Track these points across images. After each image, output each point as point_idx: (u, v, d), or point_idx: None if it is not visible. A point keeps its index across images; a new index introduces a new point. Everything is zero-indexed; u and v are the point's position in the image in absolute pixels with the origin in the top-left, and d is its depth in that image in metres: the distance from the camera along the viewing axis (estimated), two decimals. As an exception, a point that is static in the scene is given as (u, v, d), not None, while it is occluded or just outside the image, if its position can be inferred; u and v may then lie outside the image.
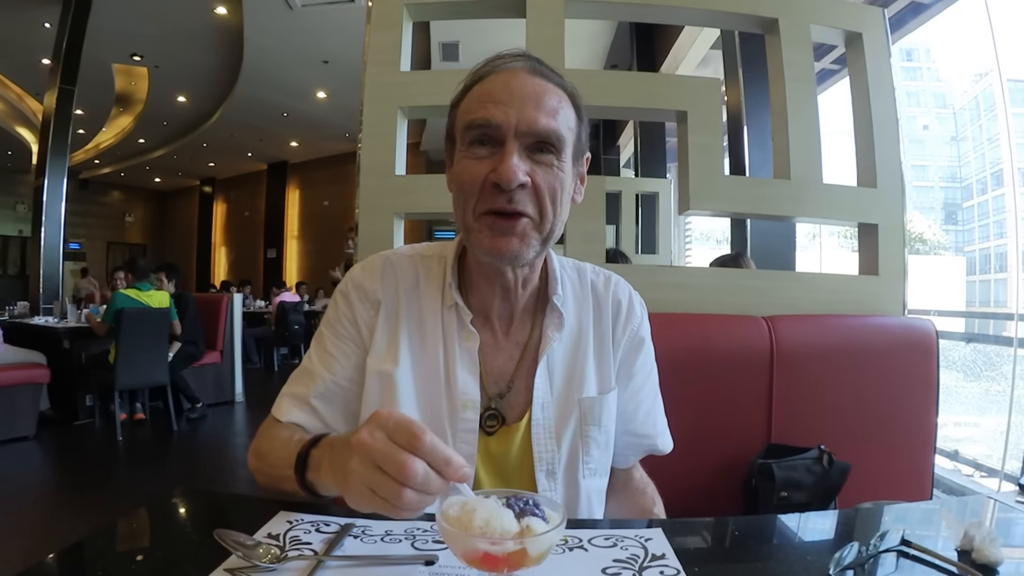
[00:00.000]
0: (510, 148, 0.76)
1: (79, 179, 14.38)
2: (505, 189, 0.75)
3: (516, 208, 0.77)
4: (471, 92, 0.82)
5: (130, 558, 0.67)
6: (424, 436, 0.54)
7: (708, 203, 1.60)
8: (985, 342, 3.55)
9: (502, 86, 0.78)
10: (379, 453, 0.54)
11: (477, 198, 0.78)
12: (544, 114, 0.77)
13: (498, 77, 0.80)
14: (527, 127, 0.76)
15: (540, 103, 0.77)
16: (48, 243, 6.21)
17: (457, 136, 0.82)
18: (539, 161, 0.78)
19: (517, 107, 0.76)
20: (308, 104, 10.24)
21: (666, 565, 0.62)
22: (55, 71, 6.46)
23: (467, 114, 0.80)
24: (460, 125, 0.81)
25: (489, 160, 0.77)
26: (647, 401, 0.97)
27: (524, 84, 0.78)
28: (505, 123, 0.76)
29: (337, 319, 0.90)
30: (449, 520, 0.54)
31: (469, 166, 0.78)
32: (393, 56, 1.63)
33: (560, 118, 0.79)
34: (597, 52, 6.79)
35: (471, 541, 0.52)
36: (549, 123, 0.77)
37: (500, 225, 0.78)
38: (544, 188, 0.78)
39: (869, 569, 0.64)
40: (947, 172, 7.68)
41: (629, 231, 4.58)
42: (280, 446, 0.79)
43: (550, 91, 0.79)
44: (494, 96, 0.78)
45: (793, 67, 1.66)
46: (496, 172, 0.75)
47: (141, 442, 4.52)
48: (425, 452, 0.54)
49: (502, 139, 0.77)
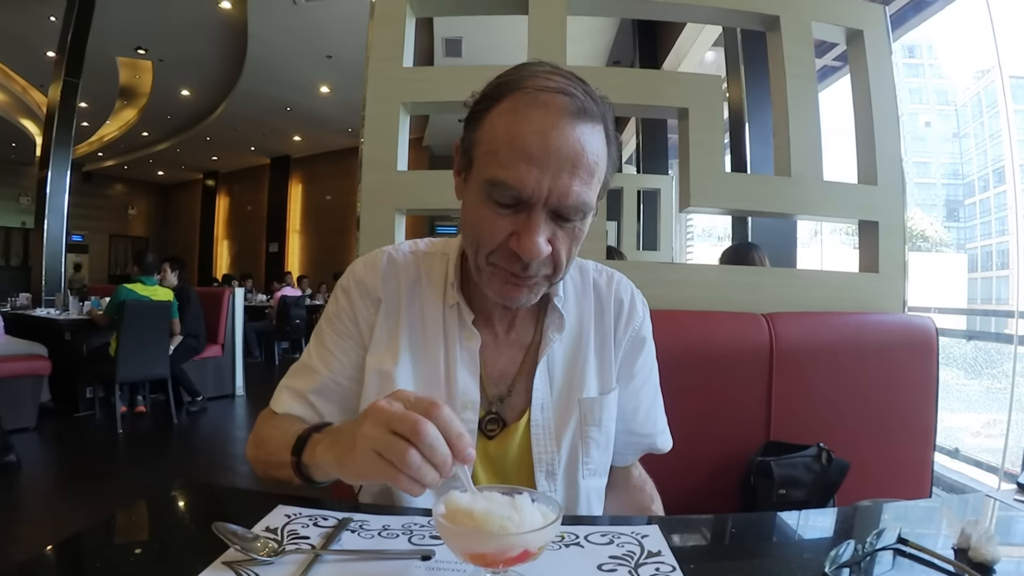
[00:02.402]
0: (536, 221, 0.70)
1: (82, 172, 14.43)
2: (525, 260, 0.72)
3: (531, 274, 0.75)
4: (499, 116, 0.72)
5: (129, 549, 0.68)
6: (442, 406, 0.55)
7: (709, 200, 1.60)
8: (986, 339, 3.54)
9: (538, 137, 0.69)
10: (395, 415, 0.55)
11: (491, 249, 0.74)
12: (579, 181, 0.70)
13: (534, 117, 0.70)
14: (558, 200, 0.70)
15: (577, 166, 0.70)
16: (51, 235, 6.24)
17: (476, 175, 0.74)
18: (563, 226, 0.73)
19: (552, 172, 0.69)
20: (311, 99, 10.24)
21: (662, 562, 0.62)
22: (60, 64, 6.47)
23: (493, 161, 0.71)
24: (483, 168, 0.73)
25: (511, 220, 0.72)
26: (647, 400, 0.97)
27: (563, 141, 0.69)
28: (536, 192, 0.69)
29: (337, 315, 0.89)
30: (446, 516, 0.54)
31: (488, 217, 0.73)
32: (396, 52, 1.62)
33: (595, 178, 0.73)
34: (599, 49, 6.78)
35: (467, 537, 0.52)
36: (581, 194, 0.70)
37: (512, 280, 0.76)
38: (562, 251, 0.75)
39: (865, 567, 0.64)
40: (949, 169, 7.66)
41: (630, 228, 4.56)
42: (280, 434, 0.79)
43: (589, 141, 0.71)
44: (527, 152, 0.69)
45: (794, 64, 1.66)
46: (519, 245, 0.71)
47: (141, 435, 4.53)
48: (441, 420, 0.55)
49: (530, 206, 0.71)
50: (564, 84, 0.72)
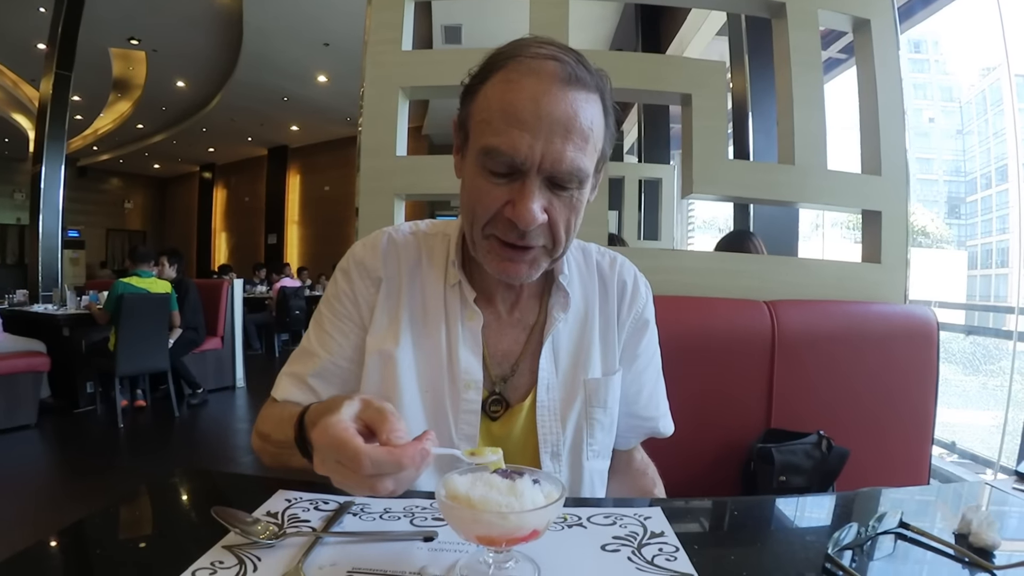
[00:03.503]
0: (530, 187, 0.70)
1: (77, 166, 14.33)
2: (520, 228, 0.72)
3: (528, 243, 0.74)
4: (493, 87, 0.73)
5: (130, 536, 0.68)
6: (390, 416, 0.58)
7: (711, 187, 1.59)
8: (984, 335, 3.55)
9: (530, 103, 0.69)
10: (336, 446, 0.56)
11: (487, 221, 0.74)
12: (572, 147, 0.70)
13: (526, 84, 0.70)
14: (551, 165, 0.70)
15: (570, 130, 0.70)
16: (46, 231, 6.17)
17: (471, 146, 0.75)
18: (559, 195, 0.73)
19: (544, 136, 0.69)
20: (309, 88, 10.17)
21: (665, 542, 0.62)
22: (51, 56, 6.35)
23: (487, 129, 0.72)
24: (477, 137, 0.73)
25: (506, 188, 0.72)
26: (650, 383, 0.97)
27: (555, 105, 0.69)
28: (529, 158, 0.69)
29: (336, 296, 0.89)
30: (449, 496, 0.54)
31: (483, 187, 0.73)
32: (395, 35, 1.61)
33: (590, 144, 0.72)
34: (602, 36, 6.71)
35: (470, 516, 0.52)
36: (575, 160, 0.70)
37: (509, 253, 0.75)
38: (560, 221, 0.74)
39: (867, 550, 0.64)
40: (951, 166, 7.63)
41: (631, 217, 4.55)
42: (278, 422, 0.79)
43: (582, 107, 0.71)
44: (520, 117, 0.69)
45: (800, 52, 1.64)
46: (514, 212, 0.71)
47: (142, 428, 4.53)
48: (393, 433, 0.56)
49: (523, 172, 0.71)
50: (556, 52, 0.73)
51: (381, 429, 0.57)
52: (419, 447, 0.55)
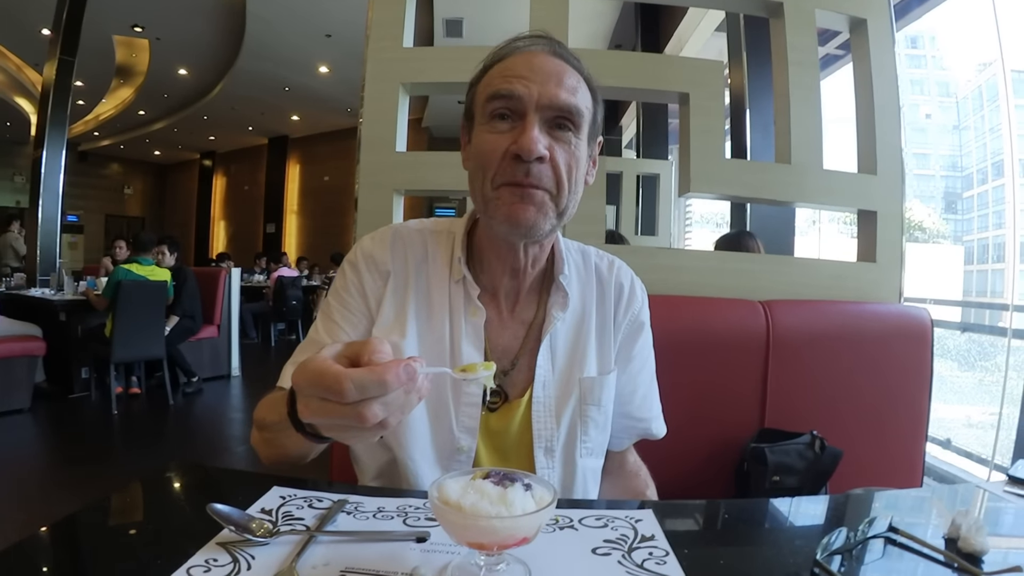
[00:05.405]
0: (531, 121, 0.78)
1: (78, 151, 14.26)
2: (525, 160, 0.77)
3: (534, 181, 0.78)
4: (492, 70, 0.84)
5: (123, 531, 0.68)
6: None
7: (709, 185, 1.59)
8: (980, 332, 3.56)
9: (524, 63, 0.81)
10: (315, 379, 0.51)
11: (496, 169, 0.79)
12: (564, 90, 0.79)
13: (520, 57, 0.82)
14: (548, 101, 0.78)
15: (561, 80, 0.80)
16: (46, 215, 6.15)
17: (477, 111, 0.84)
18: (558, 137, 0.80)
19: (539, 83, 0.78)
20: (310, 78, 10.12)
21: (655, 546, 0.62)
22: (55, 42, 6.34)
23: (489, 87, 0.81)
24: (481, 99, 0.83)
25: (509, 134, 0.79)
26: (644, 385, 0.98)
27: (545, 63, 0.81)
28: (527, 96, 0.78)
29: (345, 288, 0.90)
30: (442, 499, 0.54)
31: (489, 139, 0.80)
32: (396, 31, 1.61)
33: (579, 96, 0.81)
34: (601, 32, 6.71)
35: (461, 522, 0.52)
36: (569, 99, 0.79)
37: (518, 193, 0.79)
38: (561, 164, 0.79)
39: (856, 555, 0.65)
40: (948, 161, 7.64)
41: (629, 212, 4.55)
42: (273, 404, 0.77)
43: (569, 72, 0.82)
44: (516, 72, 0.80)
45: (797, 51, 1.64)
46: (517, 144, 0.77)
47: (136, 416, 4.53)
48: (375, 355, 0.51)
49: (523, 112, 0.78)
50: (549, 43, 0.85)
51: (363, 353, 0.52)
52: (404, 363, 0.49)
